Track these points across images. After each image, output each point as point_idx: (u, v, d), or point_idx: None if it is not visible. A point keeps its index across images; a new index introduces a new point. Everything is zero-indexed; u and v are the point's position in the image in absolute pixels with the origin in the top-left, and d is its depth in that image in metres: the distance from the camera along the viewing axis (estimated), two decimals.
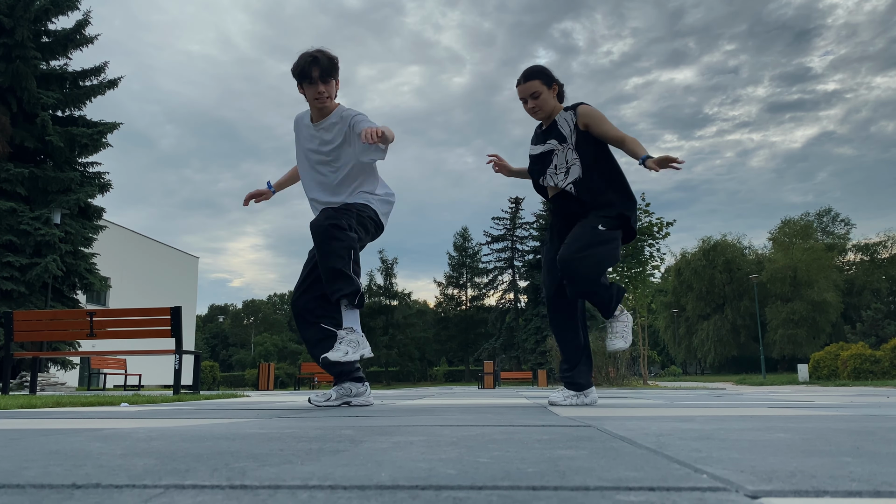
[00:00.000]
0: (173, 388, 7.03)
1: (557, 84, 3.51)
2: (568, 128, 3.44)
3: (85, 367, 33.55)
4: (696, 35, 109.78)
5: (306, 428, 1.80)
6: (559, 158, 3.42)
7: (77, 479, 0.85)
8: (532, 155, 3.56)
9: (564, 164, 3.41)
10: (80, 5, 19.32)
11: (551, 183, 3.45)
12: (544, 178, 3.48)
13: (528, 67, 3.54)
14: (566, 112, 3.49)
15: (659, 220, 22.19)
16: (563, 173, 3.40)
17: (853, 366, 24.15)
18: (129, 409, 3.37)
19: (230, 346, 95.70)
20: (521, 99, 3.52)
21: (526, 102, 3.49)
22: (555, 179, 3.43)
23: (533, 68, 3.51)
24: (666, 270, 62.50)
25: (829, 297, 52.38)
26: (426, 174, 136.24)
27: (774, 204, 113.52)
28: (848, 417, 2.17)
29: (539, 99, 3.45)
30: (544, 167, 3.47)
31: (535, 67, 3.50)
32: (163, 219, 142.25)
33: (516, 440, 1.36)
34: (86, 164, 19.54)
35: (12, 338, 7.44)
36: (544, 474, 0.86)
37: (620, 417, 2.19)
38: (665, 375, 60.08)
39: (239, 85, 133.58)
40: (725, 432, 1.54)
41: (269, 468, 0.94)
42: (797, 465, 0.94)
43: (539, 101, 3.45)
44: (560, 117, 3.49)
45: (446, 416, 2.42)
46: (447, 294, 60.16)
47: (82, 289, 19.17)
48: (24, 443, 1.39)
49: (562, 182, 3.40)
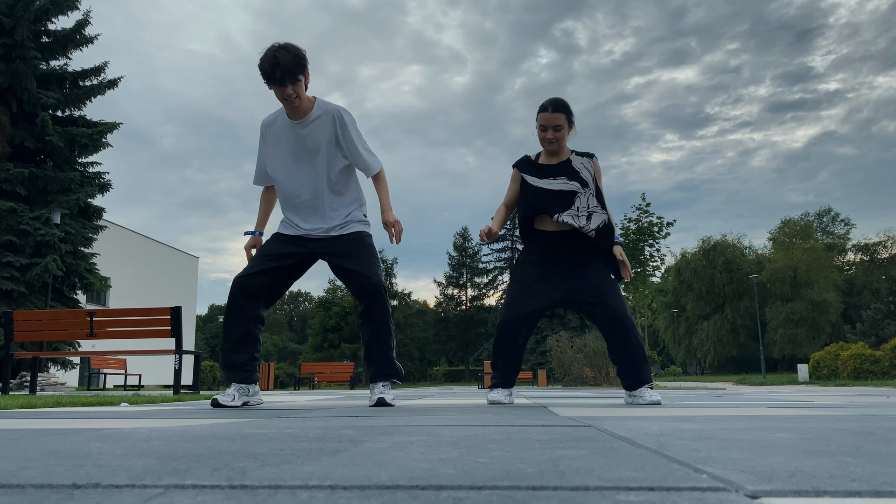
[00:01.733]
0: (173, 388, 7.04)
1: (573, 125, 3.58)
2: (588, 174, 3.53)
3: (85, 367, 33.56)
4: (697, 34, 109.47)
5: (306, 428, 1.80)
6: (581, 202, 3.48)
7: (77, 479, 0.85)
8: (547, 189, 3.52)
9: (587, 208, 3.48)
10: (80, 5, 19.34)
11: (572, 223, 3.46)
12: (561, 216, 3.47)
13: (557, 98, 3.55)
14: (581, 157, 3.57)
15: (659, 220, 22.20)
16: (584, 217, 3.47)
17: (853, 366, 24.15)
18: (129, 409, 3.37)
19: None
20: (540, 125, 3.51)
21: (545, 131, 3.50)
22: (577, 221, 3.46)
23: (563, 101, 3.54)
24: (666, 270, 62.49)
25: (829, 297, 52.40)
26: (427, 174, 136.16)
27: (775, 204, 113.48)
28: (848, 417, 2.17)
29: (560, 132, 3.49)
30: (565, 206, 3.48)
31: (565, 102, 3.55)
32: (163, 219, 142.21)
33: (516, 440, 1.36)
34: (86, 164, 19.56)
35: (12, 338, 7.45)
36: (544, 474, 0.86)
37: (620, 417, 2.20)
38: (665, 375, 60.04)
39: (240, 84, 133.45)
40: (725, 432, 1.54)
41: (269, 468, 0.94)
42: (797, 465, 0.94)
43: (559, 134, 3.49)
44: (577, 161, 3.56)
45: (446, 416, 2.43)
46: (447, 294, 60.19)
47: (82, 289, 19.18)
48: (24, 443, 1.39)
49: (585, 225, 3.46)
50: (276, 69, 3.08)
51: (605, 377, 19.28)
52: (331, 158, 3.38)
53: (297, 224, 3.47)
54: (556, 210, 3.48)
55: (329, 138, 3.35)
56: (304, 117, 3.32)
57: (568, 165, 3.54)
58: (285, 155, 3.41)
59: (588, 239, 3.51)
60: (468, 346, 57.82)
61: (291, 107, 3.26)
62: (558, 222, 3.51)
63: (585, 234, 3.47)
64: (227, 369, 3.35)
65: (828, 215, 64.49)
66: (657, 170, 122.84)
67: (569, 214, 3.46)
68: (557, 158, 3.57)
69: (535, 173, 3.58)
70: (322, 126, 3.34)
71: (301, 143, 3.37)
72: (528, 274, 3.58)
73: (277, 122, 3.42)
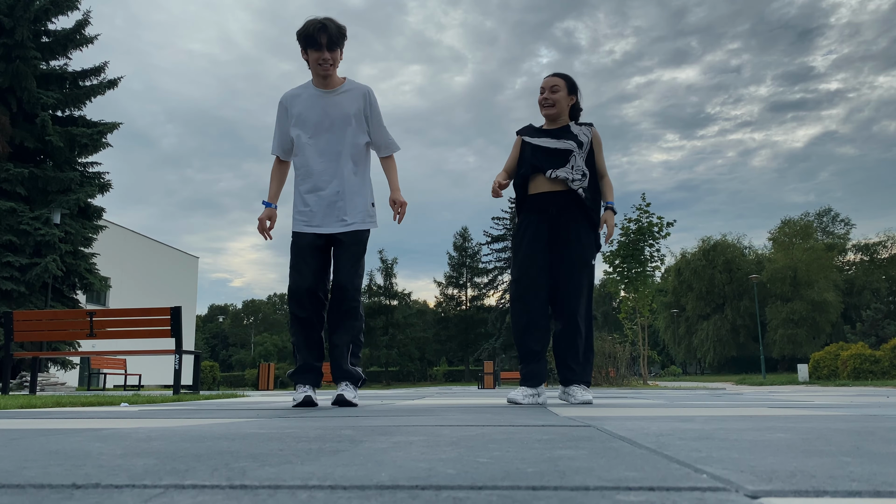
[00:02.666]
0: (173, 388, 7.03)
1: (577, 98, 3.74)
2: (586, 139, 3.67)
3: (85, 367, 33.55)
4: (699, 34, 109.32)
5: (306, 428, 1.80)
6: (576, 161, 3.60)
7: (77, 479, 0.85)
8: (546, 147, 3.64)
9: (581, 168, 3.60)
10: (80, 5, 19.34)
11: (566, 176, 3.56)
12: (556, 171, 3.58)
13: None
14: (581, 126, 3.71)
15: (660, 220, 22.18)
16: (579, 175, 3.59)
17: (853, 366, 24.15)
18: (129, 409, 3.37)
19: (230, 346, 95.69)
20: (540, 89, 3.72)
21: (543, 92, 3.69)
22: (571, 175, 3.57)
23: (565, 73, 3.77)
24: (666, 270, 62.47)
25: (828, 297, 52.37)
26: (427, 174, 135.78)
27: (776, 204, 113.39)
28: (848, 417, 2.17)
29: (556, 94, 3.66)
30: (561, 162, 3.60)
31: (568, 74, 3.77)
32: (164, 218, 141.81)
33: (516, 440, 1.36)
34: (85, 164, 19.56)
35: (12, 338, 7.44)
36: (544, 474, 0.86)
37: (620, 417, 2.19)
38: (665, 375, 60.05)
39: (240, 84, 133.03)
40: (725, 432, 1.54)
41: (269, 468, 0.94)
42: (797, 465, 0.94)
43: (555, 96, 3.66)
44: (575, 127, 3.70)
45: (446, 416, 2.43)
46: (447, 294, 60.14)
47: (82, 289, 19.18)
48: (24, 443, 1.39)
49: (577, 182, 3.57)
50: (323, 33, 3.30)
51: (605, 377, 19.27)
52: (358, 131, 3.51)
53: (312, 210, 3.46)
54: (550, 166, 3.59)
55: (357, 111, 3.50)
56: (335, 88, 3.49)
57: (567, 130, 3.69)
58: (316, 121, 3.50)
59: (578, 201, 3.60)
60: (468, 346, 57.77)
61: (325, 74, 3.42)
62: (552, 179, 3.59)
63: (575, 192, 3.57)
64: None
65: (827, 215, 64.48)
66: (658, 169, 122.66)
67: (563, 170, 3.58)
68: (556, 125, 3.73)
69: (534, 135, 3.73)
70: (352, 98, 3.50)
71: (330, 112, 3.48)
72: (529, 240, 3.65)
73: (304, 93, 3.53)
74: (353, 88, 3.51)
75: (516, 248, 3.68)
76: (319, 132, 3.48)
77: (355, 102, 3.49)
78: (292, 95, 3.54)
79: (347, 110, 3.48)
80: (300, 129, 3.50)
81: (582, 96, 3.76)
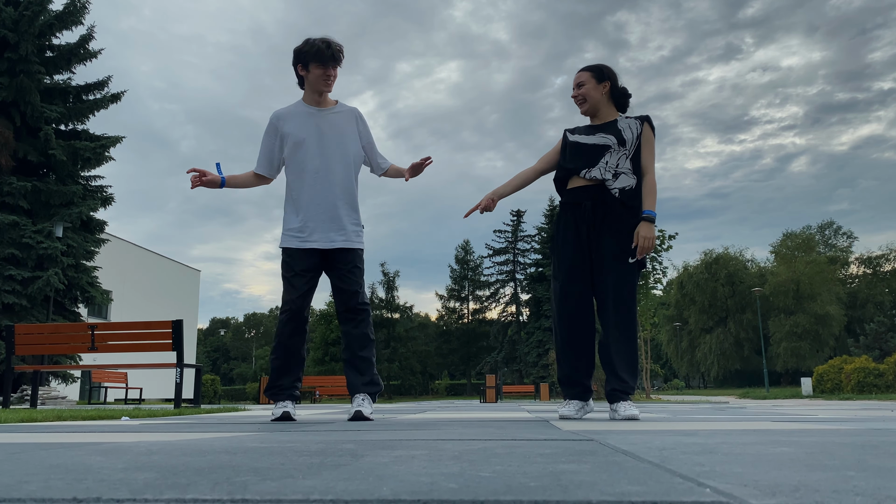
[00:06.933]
0: (174, 402, 7.02)
1: (609, 82, 3.55)
2: (631, 135, 3.46)
3: (86, 381, 33.49)
4: (753, 27, 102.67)
5: (308, 442, 1.79)
6: (612, 158, 3.43)
7: (78, 493, 0.85)
8: (583, 144, 3.50)
9: (615, 166, 3.42)
10: (85, 20, 19.50)
11: (598, 176, 3.41)
12: (590, 171, 3.43)
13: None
14: (631, 119, 3.52)
15: (661, 233, 22.20)
16: (611, 175, 3.42)
17: (857, 379, 24.05)
18: (130, 423, 3.36)
19: (231, 359, 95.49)
20: (573, 86, 3.64)
21: (573, 90, 3.62)
22: (603, 174, 3.41)
23: (593, 64, 3.63)
24: (668, 283, 62.39)
25: (832, 310, 52.21)
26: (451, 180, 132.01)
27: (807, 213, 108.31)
28: (852, 431, 2.16)
29: (582, 89, 3.54)
30: (595, 160, 3.44)
31: (595, 64, 3.62)
32: (178, 227, 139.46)
33: (518, 454, 1.36)
34: (88, 178, 19.64)
35: (13, 351, 7.44)
36: (547, 488, 0.86)
37: (623, 431, 2.19)
38: (668, 389, 59.85)
39: (267, 80, 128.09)
40: (728, 446, 1.53)
41: (271, 482, 0.94)
42: (801, 480, 0.94)
43: (582, 91, 3.55)
44: (623, 121, 3.51)
45: (448, 430, 2.42)
46: (449, 307, 60.09)
47: (84, 302, 19.20)
48: (25, 457, 1.39)
49: (610, 182, 3.41)
50: (330, 48, 3.42)
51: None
52: (351, 150, 3.58)
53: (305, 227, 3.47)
54: (585, 165, 3.45)
55: (352, 132, 3.60)
56: (329, 106, 3.58)
57: (611, 124, 3.51)
58: (309, 139, 3.52)
59: (613, 199, 3.40)
60: (470, 360, 57.64)
61: (326, 91, 3.51)
62: (585, 178, 3.45)
63: (609, 190, 3.40)
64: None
65: (830, 228, 64.44)
66: (692, 176, 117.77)
67: (597, 169, 3.43)
68: (599, 120, 3.58)
69: (578, 132, 3.60)
70: (346, 119, 3.60)
71: (324, 130, 3.54)
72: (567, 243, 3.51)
73: (296, 111, 3.56)
74: (345, 110, 3.61)
75: (552, 246, 3.60)
76: (312, 149, 3.50)
77: (349, 123, 3.59)
78: (284, 114, 3.56)
79: (342, 129, 3.56)
80: (293, 146, 3.52)
81: (619, 79, 3.58)
